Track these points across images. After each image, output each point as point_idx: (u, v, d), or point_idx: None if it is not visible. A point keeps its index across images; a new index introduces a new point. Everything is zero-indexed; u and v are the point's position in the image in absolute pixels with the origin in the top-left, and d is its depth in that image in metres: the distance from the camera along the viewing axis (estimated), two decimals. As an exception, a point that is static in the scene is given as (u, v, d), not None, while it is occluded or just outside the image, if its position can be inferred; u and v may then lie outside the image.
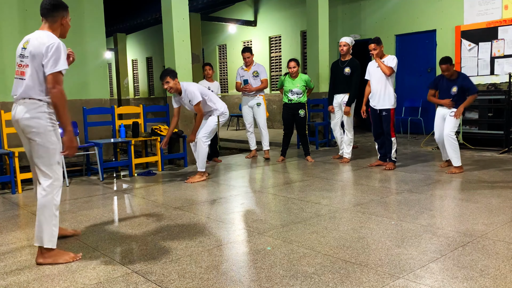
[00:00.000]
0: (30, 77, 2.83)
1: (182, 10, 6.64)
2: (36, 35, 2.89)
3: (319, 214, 3.74)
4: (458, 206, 3.91)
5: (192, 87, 5.21)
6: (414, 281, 2.38)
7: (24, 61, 2.86)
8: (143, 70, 18.61)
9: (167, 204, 4.29)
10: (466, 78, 5.43)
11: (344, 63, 6.35)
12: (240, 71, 7.01)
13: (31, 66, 2.83)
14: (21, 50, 2.90)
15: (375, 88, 5.74)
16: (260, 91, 6.90)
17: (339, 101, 6.42)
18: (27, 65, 2.85)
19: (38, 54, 2.80)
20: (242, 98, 7.06)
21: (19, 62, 2.90)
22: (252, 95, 6.91)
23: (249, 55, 6.90)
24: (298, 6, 11.60)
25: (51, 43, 2.80)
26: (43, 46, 2.79)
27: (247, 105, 6.97)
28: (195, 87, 5.26)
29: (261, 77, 6.88)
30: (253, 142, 7.15)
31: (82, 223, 3.73)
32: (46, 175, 2.86)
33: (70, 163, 6.15)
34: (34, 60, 2.82)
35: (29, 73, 2.83)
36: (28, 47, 2.85)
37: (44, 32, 2.89)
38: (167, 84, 5.11)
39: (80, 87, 6.60)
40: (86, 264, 2.78)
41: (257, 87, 6.84)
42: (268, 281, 2.44)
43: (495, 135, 7.17)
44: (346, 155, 6.44)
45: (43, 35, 2.86)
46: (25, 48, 2.88)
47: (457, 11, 8.70)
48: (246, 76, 6.91)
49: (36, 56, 2.80)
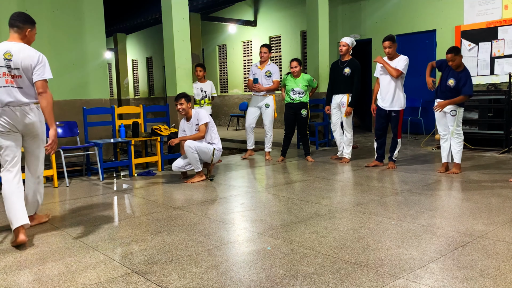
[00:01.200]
0: (27, 86, 3.34)
1: (182, 10, 6.64)
2: (17, 47, 3.31)
3: (319, 214, 3.74)
4: (458, 206, 3.91)
5: (205, 112, 5.49)
6: (414, 281, 2.38)
7: (14, 72, 3.30)
8: (143, 70, 18.62)
9: (167, 204, 4.29)
10: (469, 77, 5.18)
11: (344, 63, 6.32)
12: (254, 68, 6.91)
13: (24, 76, 3.31)
14: (5, 61, 3.27)
15: (385, 89, 5.66)
16: (270, 91, 6.80)
17: (338, 101, 6.39)
18: (20, 76, 3.30)
19: (28, 66, 3.29)
20: (252, 98, 6.96)
21: (6, 71, 3.28)
22: (262, 95, 6.81)
23: (266, 51, 6.72)
24: (298, 6, 11.61)
25: (39, 54, 3.34)
26: (33, 58, 3.30)
27: (255, 106, 6.88)
28: (207, 113, 5.51)
29: (273, 78, 6.76)
30: (251, 142, 7.08)
31: (82, 223, 3.73)
32: (42, 165, 3.57)
33: (70, 163, 6.15)
34: (27, 71, 3.30)
35: (26, 83, 3.33)
36: (14, 59, 3.27)
37: (22, 44, 3.36)
38: (180, 106, 5.29)
39: (80, 87, 6.60)
40: (86, 264, 2.78)
41: (267, 87, 6.73)
42: (268, 281, 2.44)
43: (495, 135, 7.17)
44: (346, 155, 6.43)
45: (23, 47, 3.34)
46: (8, 59, 3.27)
47: (457, 11, 8.70)
48: (258, 75, 6.79)
49: (29, 68, 3.30)
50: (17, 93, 3.29)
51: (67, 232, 3.47)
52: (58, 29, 6.35)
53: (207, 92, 7.07)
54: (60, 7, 6.42)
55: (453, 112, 5.25)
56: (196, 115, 5.39)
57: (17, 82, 3.29)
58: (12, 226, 3.19)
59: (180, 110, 5.31)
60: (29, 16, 3.45)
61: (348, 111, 6.25)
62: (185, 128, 5.52)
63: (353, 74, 6.23)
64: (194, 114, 5.41)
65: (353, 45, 6.38)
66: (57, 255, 2.97)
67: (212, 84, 7.18)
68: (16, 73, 3.28)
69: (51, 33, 6.27)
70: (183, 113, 5.37)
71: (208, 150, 5.33)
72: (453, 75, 5.19)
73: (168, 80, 6.89)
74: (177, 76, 6.66)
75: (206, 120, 5.36)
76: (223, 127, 13.82)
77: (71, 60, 6.46)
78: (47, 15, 6.29)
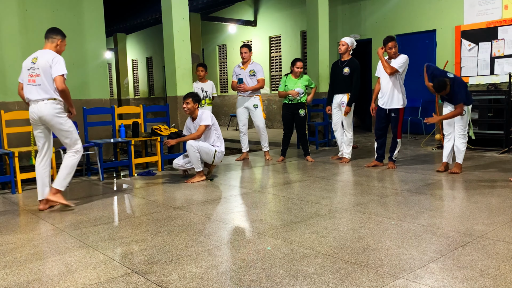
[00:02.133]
0: (45, 84, 4.03)
1: (182, 10, 6.64)
2: (42, 53, 4.11)
3: (319, 214, 3.74)
4: (458, 206, 3.91)
5: (209, 113, 5.52)
6: (414, 281, 2.38)
7: (36, 72, 4.04)
8: (143, 70, 18.62)
9: (167, 204, 4.29)
10: (462, 86, 5.11)
11: (343, 63, 6.32)
12: (236, 69, 6.81)
13: (43, 75, 4.02)
14: (31, 64, 4.06)
15: (385, 88, 5.66)
16: (256, 91, 6.68)
17: (338, 101, 6.38)
18: (39, 74, 4.03)
19: (46, 65, 4.01)
20: (238, 99, 6.84)
21: (31, 73, 4.06)
22: (248, 95, 6.70)
23: (246, 50, 6.63)
24: (298, 6, 11.61)
25: (54, 55, 4.05)
26: (49, 59, 4.02)
27: (243, 106, 6.77)
28: (211, 115, 5.52)
29: (257, 76, 6.64)
30: (245, 144, 6.97)
31: (82, 223, 3.73)
32: (69, 146, 4.23)
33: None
34: (45, 71, 4.01)
35: (44, 81, 4.03)
36: (37, 62, 4.04)
37: (47, 50, 4.13)
38: (187, 105, 5.33)
39: (80, 87, 6.61)
40: (86, 264, 2.78)
41: (252, 86, 6.61)
42: (268, 281, 2.44)
43: (495, 135, 7.17)
44: (346, 155, 6.43)
45: (47, 52, 4.10)
46: (33, 62, 4.06)
47: (457, 11, 8.70)
48: (242, 75, 6.68)
49: (47, 67, 4.01)
50: (36, 90, 4.04)
51: (67, 232, 3.47)
52: (58, 29, 6.36)
53: (208, 92, 7.04)
54: (60, 7, 6.42)
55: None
56: (200, 116, 5.42)
57: (36, 80, 4.04)
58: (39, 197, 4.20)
59: (185, 109, 5.34)
60: (61, 30, 4.24)
61: (346, 110, 6.25)
62: (190, 127, 5.56)
63: (352, 73, 6.23)
64: (200, 114, 5.44)
65: (353, 46, 6.36)
66: (57, 255, 2.97)
67: (212, 84, 7.15)
68: (37, 72, 4.03)
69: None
70: (188, 112, 5.39)
71: (209, 151, 5.34)
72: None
73: (168, 80, 6.88)
74: (177, 76, 6.66)
75: (207, 122, 5.36)
76: (223, 127, 13.82)
77: (71, 60, 6.46)
78: (47, 15, 6.29)
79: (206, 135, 5.46)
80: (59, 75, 3.99)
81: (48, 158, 4.24)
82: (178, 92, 6.67)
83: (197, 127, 5.43)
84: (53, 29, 4.22)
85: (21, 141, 5.52)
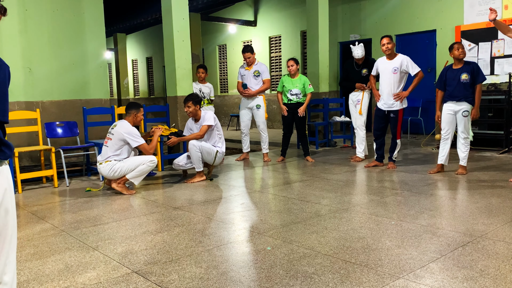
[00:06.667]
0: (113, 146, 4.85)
1: (182, 10, 6.64)
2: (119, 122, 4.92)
3: (319, 214, 3.74)
4: (458, 206, 3.91)
5: (212, 113, 5.52)
6: (414, 281, 2.38)
7: (110, 136, 4.85)
8: (143, 70, 18.61)
9: (167, 204, 4.29)
10: (476, 65, 5.16)
11: (359, 66, 6.56)
12: (241, 70, 6.80)
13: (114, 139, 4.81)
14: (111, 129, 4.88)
15: (385, 88, 5.64)
16: (261, 92, 6.66)
17: (354, 99, 6.63)
18: (111, 138, 4.81)
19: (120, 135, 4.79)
20: (242, 100, 6.84)
21: (109, 136, 4.86)
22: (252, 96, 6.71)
23: (249, 55, 6.60)
24: (298, 6, 11.60)
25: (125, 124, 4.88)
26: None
27: (246, 108, 6.75)
28: (214, 116, 5.53)
29: (262, 77, 6.60)
30: (246, 145, 6.96)
31: (82, 223, 3.73)
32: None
33: (70, 163, 6.16)
34: (117, 137, 4.80)
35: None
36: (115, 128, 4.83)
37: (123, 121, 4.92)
38: (188, 108, 5.35)
39: (80, 87, 6.60)
40: (86, 264, 2.78)
41: (258, 89, 6.57)
42: (268, 281, 2.44)
43: (495, 135, 7.17)
44: (358, 154, 6.45)
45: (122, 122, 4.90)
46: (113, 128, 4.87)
47: (457, 11, 8.70)
48: (247, 76, 6.66)
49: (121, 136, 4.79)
50: (106, 149, 4.80)
51: (67, 232, 3.47)
52: (58, 29, 6.35)
53: (205, 94, 7.06)
54: (60, 7, 6.42)
55: (465, 113, 5.07)
56: (204, 116, 5.44)
57: (108, 142, 4.82)
58: None
59: (188, 113, 5.38)
60: (136, 103, 5.02)
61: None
62: (192, 127, 5.56)
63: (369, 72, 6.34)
64: (203, 115, 5.45)
65: (357, 56, 6.51)
66: (57, 255, 2.97)
67: (211, 87, 7.15)
68: (110, 136, 4.82)
69: (51, 33, 6.27)
70: (191, 115, 5.43)
71: (211, 151, 5.35)
72: (464, 70, 5.08)
73: (168, 80, 6.88)
74: (177, 76, 6.66)
75: (210, 123, 5.38)
76: (223, 127, 13.79)
77: (71, 60, 6.47)
78: (47, 15, 6.29)
79: (208, 136, 5.47)
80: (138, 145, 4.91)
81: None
82: (178, 92, 6.67)
83: (199, 128, 5.44)
84: (132, 104, 5.05)
85: (21, 141, 5.52)
